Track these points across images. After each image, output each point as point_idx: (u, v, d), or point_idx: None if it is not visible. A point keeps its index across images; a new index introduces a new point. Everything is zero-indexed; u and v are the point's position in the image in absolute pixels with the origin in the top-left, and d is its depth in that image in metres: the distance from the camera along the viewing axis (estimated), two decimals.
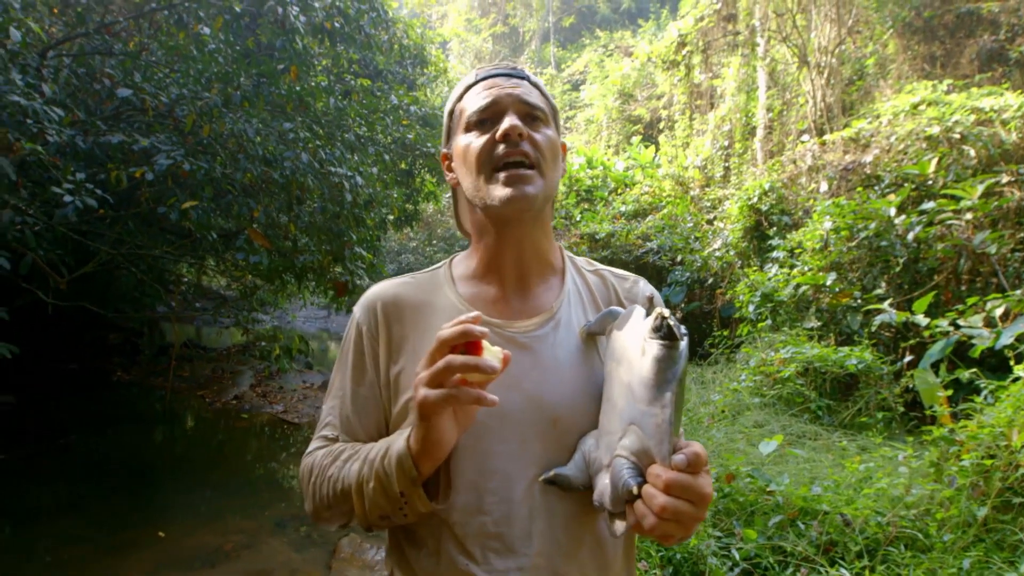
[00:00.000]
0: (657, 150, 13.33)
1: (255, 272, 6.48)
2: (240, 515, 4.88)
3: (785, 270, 6.53)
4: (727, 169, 11.59)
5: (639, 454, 0.79)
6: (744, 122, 11.32)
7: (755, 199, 7.82)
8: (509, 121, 0.96)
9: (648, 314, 0.84)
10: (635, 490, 0.77)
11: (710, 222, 9.51)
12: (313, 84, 6.03)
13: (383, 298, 1.04)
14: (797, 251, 6.62)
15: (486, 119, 0.99)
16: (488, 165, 0.97)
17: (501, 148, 0.96)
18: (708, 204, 10.44)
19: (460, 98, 1.06)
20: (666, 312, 0.79)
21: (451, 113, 1.08)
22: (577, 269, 1.11)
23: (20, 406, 7.42)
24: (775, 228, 7.58)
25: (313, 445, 1.03)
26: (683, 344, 0.78)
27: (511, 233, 1.01)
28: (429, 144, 8.25)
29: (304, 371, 9.98)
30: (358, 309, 1.06)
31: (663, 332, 0.77)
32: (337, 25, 5.53)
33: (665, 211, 9.86)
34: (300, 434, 7.29)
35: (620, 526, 0.83)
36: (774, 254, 6.97)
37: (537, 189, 0.96)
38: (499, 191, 0.95)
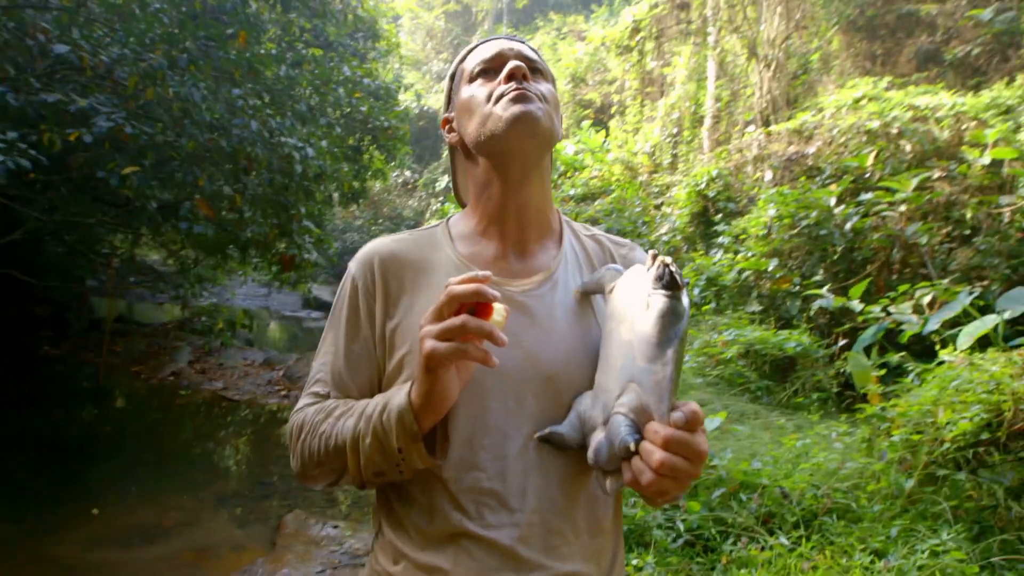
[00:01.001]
0: (607, 135, 13.44)
1: (199, 244, 6.27)
2: (179, 492, 4.76)
3: (730, 255, 6.72)
4: (675, 156, 11.79)
5: (637, 411, 0.79)
6: (693, 110, 11.51)
7: (703, 185, 7.99)
8: (514, 62, 0.98)
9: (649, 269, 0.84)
10: (632, 447, 0.77)
11: (658, 207, 9.68)
12: (263, 51, 5.84)
13: (380, 253, 1.04)
14: (742, 237, 6.81)
15: (490, 68, 1.02)
16: (494, 98, 0.98)
17: (507, 86, 0.98)
18: (656, 189, 10.62)
19: (463, 59, 1.08)
20: (668, 259, 0.79)
21: (452, 76, 1.10)
22: (574, 233, 1.11)
23: None
24: (721, 214, 7.78)
25: (302, 402, 1.01)
26: (685, 300, 0.79)
27: (516, 174, 1.00)
28: (382, 118, 8.11)
29: (245, 348, 9.74)
30: (354, 264, 1.05)
31: (666, 280, 0.78)
32: None
33: (614, 195, 9.96)
34: (240, 411, 7.14)
35: (613, 483, 0.83)
36: (719, 240, 7.16)
37: (543, 114, 0.97)
38: (507, 110, 0.96)
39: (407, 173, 22.21)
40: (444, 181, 20.43)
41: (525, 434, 0.92)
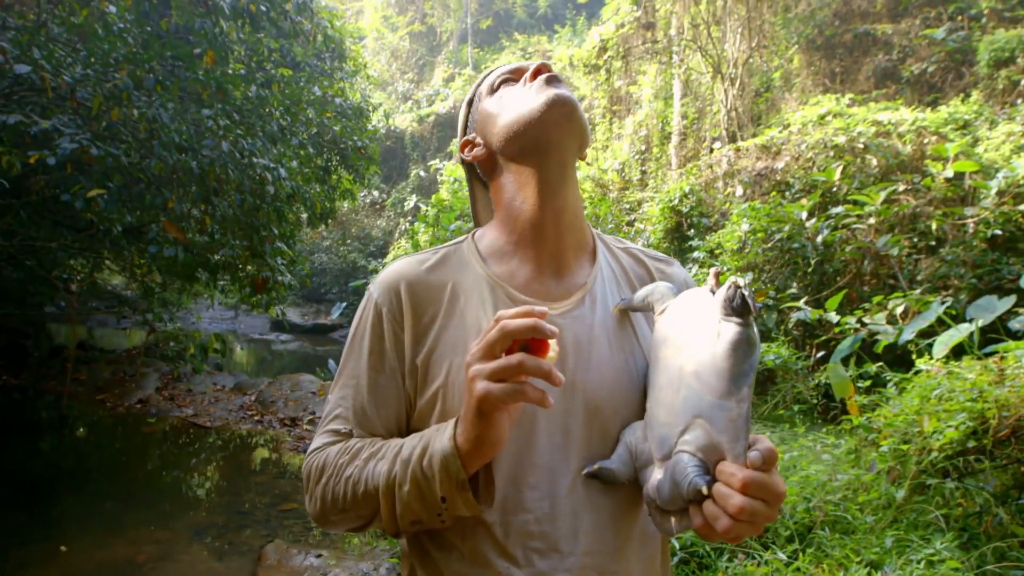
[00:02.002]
0: None
1: (167, 268, 6.10)
2: (152, 525, 4.58)
3: (705, 270, 6.77)
4: (644, 173, 11.93)
5: (705, 450, 0.73)
6: (660, 128, 11.68)
7: (676, 201, 8.08)
8: (538, 62, 0.95)
9: (713, 293, 0.78)
10: (705, 490, 0.71)
11: (630, 224, 9.75)
12: (232, 72, 5.75)
13: (406, 277, 0.95)
14: (717, 251, 6.88)
15: (511, 78, 0.99)
16: (525, 89, 0.95)
17: (537, 78, 0.94)
18: (627, 206, 10.71)
19: (481, 83, 1.05)
20: (741, 281, 0.72)
21: (470, 101, 1.06)
22: (607, 247, 1.04)
23: None
24: (694, 229, 7.86)
25: (320, 440, 0.92)
26: (755, 326, 0.73)
27: (554, 171, 0.93)
28: (355, 137, 8.04)
29: (214, 373, 9.50)
30: (376, 289, 0.96)
31: (737, 305, 0.71)
32: (263, 9, 5.28)
33: (586, 212, 10.03)
34: (212, 438, 6.94)
35: (678, 524, 0.77)
36: (694, 254, 7.22)
37: (576, 102, 0.92)
38: (541, 95, 0.91)
39: (375, 193, 22.10)
40: (412, 201, 20.37)
41: (574, 470, 0.85)
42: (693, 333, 0.76)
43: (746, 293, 0.71)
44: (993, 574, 2.57)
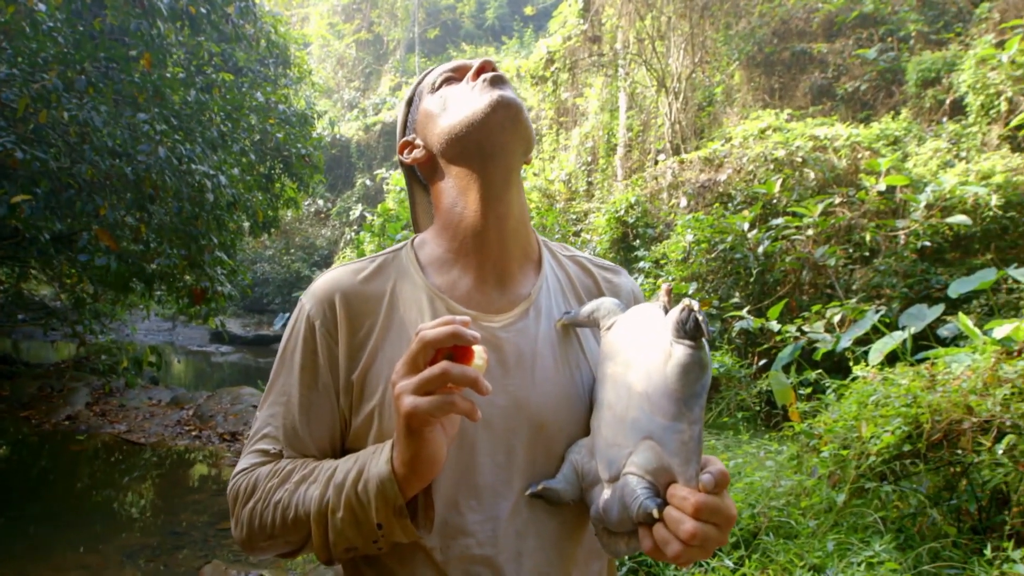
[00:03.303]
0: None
1: (99, 278, 5.83)
2: (80, 548, 4.34)
3: (651, 280, 6.87)
4: (590, 184, 12.07)
5: (656, 472, 0.71)
6: (606, 139, 11.85)
7: (622, 212, 8.19)
8: (481, 60, 0.91)
9: (665, 311, 0.75)
10: (656, 513, 0.69)
11: (577, 234, 9.83)
12: (170, 75, 5.56)
13: (341, 288, 0.89)
14: (662, 262, 7.00)
15: (453, 77, 0.94)
16: (467, 89, 0.90)
17: (480, 78, 0.90)
18: (574, 216, 10.81)
19: (422, 80, 1.00)
20: (694, 304, 0.69)
21: (410, 101, 1.00)
22: (553, 255, 1.00)
23: None
24: (640, 240, 7.98)
25: (247, 460, 0.86)
26: (707, 347, 0.71)
27: (498, 175, 0.88)
28: (299, 145, 7.88)
29: (149, 387, 9.12)
30: (309, 301, 0.90)
31: (690, 328, 0.68)
32: (203, 11, 5.12)
33: (533, 222, 10.08)
34: (146, 455, 6.65)
35: (627, 547, 0.75)
36: (640, 264, 7.32)
37: (522, 105, 0.88)
38: (484, 96, 0.86)
39: (320, 202, 21.74)
40: (358, 210, 20.11)
41: (517, 490, 0.82)
42: (643, 351, 0.74)
43: (700, 317, 0.69)
44: (929, 574, 2.66)
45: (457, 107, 0.89)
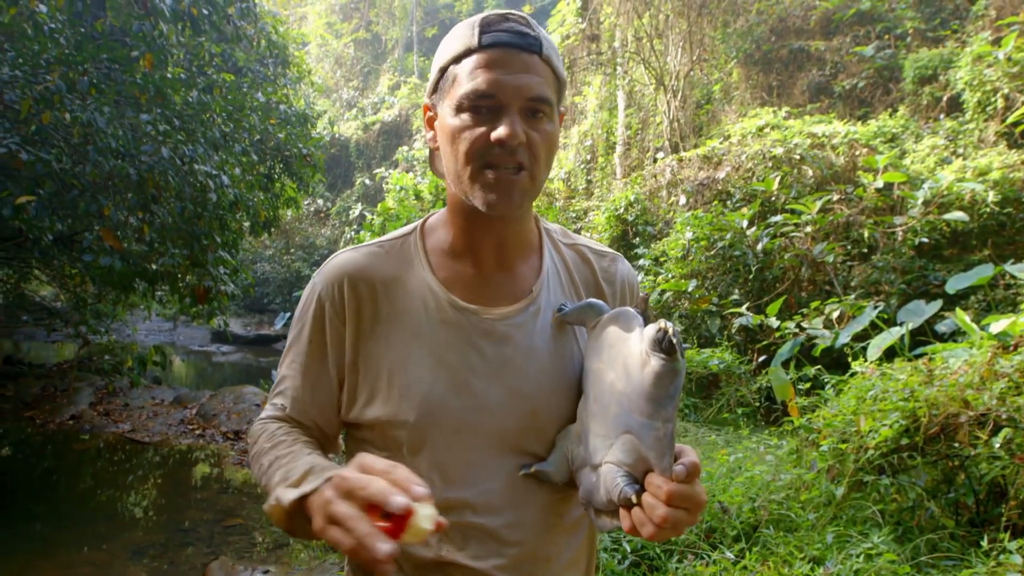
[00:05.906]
0: None
1: (102, 278, 5.86)
2: (86, 546, 4.38)
3: (651, 277, 6.91)
4: (590, 182, 12.10)
5: (634, 462, 0.79)
6: (605, 138, 11.88)
7: (621, 210, 8.23)
8: (507, 127, 0.83)
9: (645, 320, 0.82)
10: (634, 499, 0.77)
11: (577, 232, 9.88)
12: (171, 75, 5.58)
13: (349, 271, 0.94)
14: (662, 259, 7.03)
15: (482, 108, 0.85)
16: (478, 161, 0.86)
17: (495, 151, 0.85)
18: (574, 214, 10.84)
19: (457, 60, 0.88)
20: (669, 326, 0.75)
21: (442, 70, 0.91)
22: (554, 243, 1.04)
23: None
24: (640, 237, 8.02)
25: (266, 411, 0.98)
26: (681, 358, 0.77)
27: (491, 226, 0.94)
28: (300, 145, 7.90)
29: (152, 387, 9.15)
30: (320, 280, 0.96)
31: (664, 346, 0.74)
32: (205, 12, 5.14)
33: None
34: (150, 454, 6.69)
35: (610, 523, 0.84)
36: (640, 262, 7.36)
37: (524, 194, 0.88)
38: (484, 195, 0.87)
39: (320, 202, 21.75)
40: (358, 210, 20.12)
41: (510, 468, 0.91)
42: (622, 355, 0.81)
43: (674, 339, 0.74)
44: (926, 565, 2.70)
45: (462, 175, 0.88)
